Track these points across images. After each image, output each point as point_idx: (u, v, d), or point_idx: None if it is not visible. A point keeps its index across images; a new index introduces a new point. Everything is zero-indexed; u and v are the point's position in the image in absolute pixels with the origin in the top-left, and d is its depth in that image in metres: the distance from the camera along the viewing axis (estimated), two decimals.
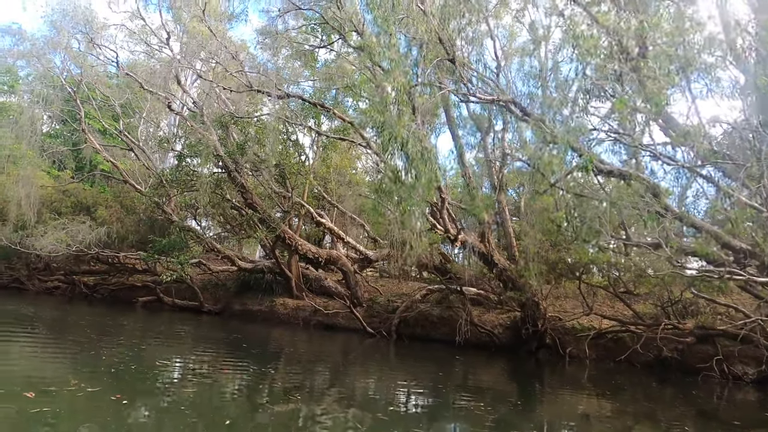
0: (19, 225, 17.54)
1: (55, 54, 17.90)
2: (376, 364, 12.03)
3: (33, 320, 13.18)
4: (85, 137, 18.91)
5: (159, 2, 14.50)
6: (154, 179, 18.90)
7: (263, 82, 13.50)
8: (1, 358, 7.34)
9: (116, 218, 18.99)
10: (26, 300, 18.43)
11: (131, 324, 14.82)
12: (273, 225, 15.93)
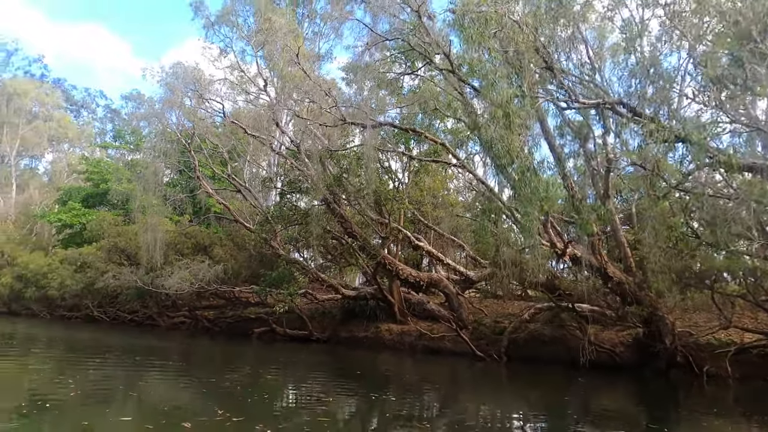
0: (150, 267, 19.51)
1: (171, 112, 19.95)
2: (488, 389, 11.62)
3: (166, 353, 14.45)
4: (199, 184, 20.79)
5: (255, 53, 15.71)
6: (260, 216, 20.22)
7: (355, 114, 14.01)
8: (149, 389, 8.03)
9: (230, 255, 20.46)
10: (158, 335, 20.35)
11: (250, 354, 15.73)
12: (373, 252, 16.25)
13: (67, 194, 33.61)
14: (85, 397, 6.24)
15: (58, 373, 8.20)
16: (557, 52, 8.16)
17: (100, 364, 10.57)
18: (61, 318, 25.73)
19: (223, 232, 24.08)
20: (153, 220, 20.63)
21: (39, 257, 27.77)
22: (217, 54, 19.57)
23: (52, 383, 7.06)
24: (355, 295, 19.37)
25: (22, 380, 7.18)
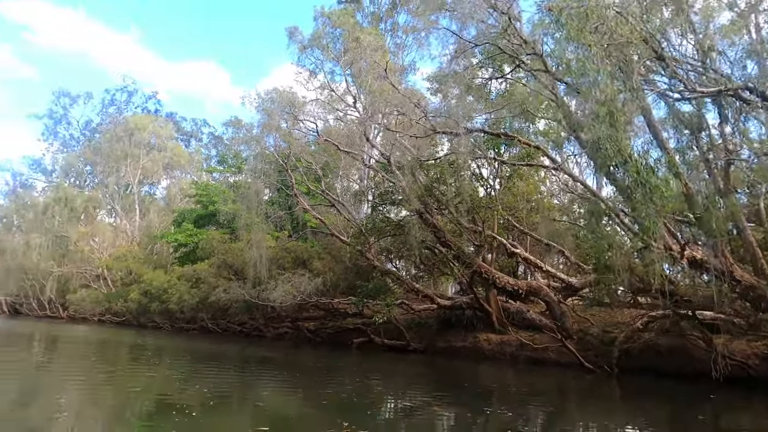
0: (256, 281, 20.79)
1: (268, 135, 21.25)
2: (600, 403, 10.90)
3: (276, 363, 15.24)
4: (296, 200, 21.89)
5: (343, 72, 16.34)
6: (354, 229, 20.81)
7: (444, 123, 14.01)
8: (270, 398, 8.45)
9: (328, 268, 21.22)
10: (264, 345, 21.55)
11: (352, 364, 16.11)
12: (468, 261, 16.04)
13: (181, 216, 36.94)
14: (210, 403, 6.69)
15: (183, 380, 8.87)
16: (666, 41, 7.54)
17: (219, 373, 11.33)
18: (181, 330, 28.14)
19: (319, 246, 25.08)
20: (257, 237, 21.99)
21: (160, 274, 30.71)
22: (308, 76, 20.69)
23: (179, 390, 7.64)
24: (450, 304, 19.20)
25: (153, 386, 7.84)
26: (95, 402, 5.91)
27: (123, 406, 5.70)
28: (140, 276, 32.34)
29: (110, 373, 9.12)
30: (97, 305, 36.54)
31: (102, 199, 49.64)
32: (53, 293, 44.80)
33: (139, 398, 6.45)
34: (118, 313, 33.66)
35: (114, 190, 49.98)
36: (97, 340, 18.29)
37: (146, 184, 54.23)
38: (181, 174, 55.11)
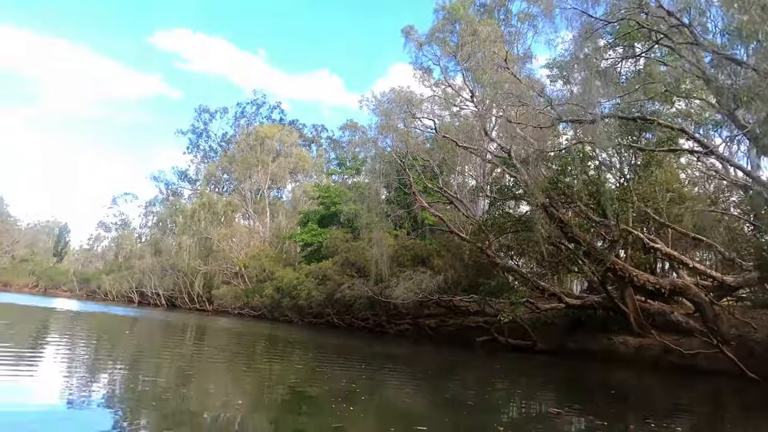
0: (378, 279, 21.41)
1: (385, 136, 21.75)
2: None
3: (400, 359, 15.50)
4: (414, 199, 22.13)
5: (461, 66, 16.12)
6: (473, 226, 20.48)
7: (569, 111, 13.18)
8: (400, 395, 8.62)
9: (449, 265, 21.15)
10: (386, 341, 22.07)
11: (477, 363, 15.85)
12: (600, 257, 14.93)
13: (306, 217, 39.38)
14: (338, 394, 6.94)
15: (313, 372, 9.31)
16: None
17: (346, 366, 11.78)
18: (309, 324, 29.96)
19: (437, 243, 25.11)
20: (377, 236, 22.64)
21: (290, 272, 33.02)
22: (422, 74, 20.82)
23: (310, 381, 8.03)
24: (580, 303, 18.06)
25: (286, 377, 8.32)
26: (237, 388, 6.45)
27: (261, 394, 6.14)
28: (273, 273, 35.06)
29: (249, 363, 9.90)
30: (237, 300, 40.31)
31: (238, 203, 54.67)
32: (201, 288, 50.40)
33: (274, 387, 6.90)
34: (254, 308, 36.82)
35: (247, 194, 54.79)
36: (237, 332, 20.10)
37: (274, 188, 58.61)
38: (304, 177, 58.77)
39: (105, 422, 3.84)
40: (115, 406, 4.62)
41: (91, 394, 4.93)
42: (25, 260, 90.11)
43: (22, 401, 4.32)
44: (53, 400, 4.49)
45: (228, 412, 4.88)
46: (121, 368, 7.16)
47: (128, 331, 15.06)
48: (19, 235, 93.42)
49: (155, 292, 56.98)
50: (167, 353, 10.18)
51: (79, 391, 5.05)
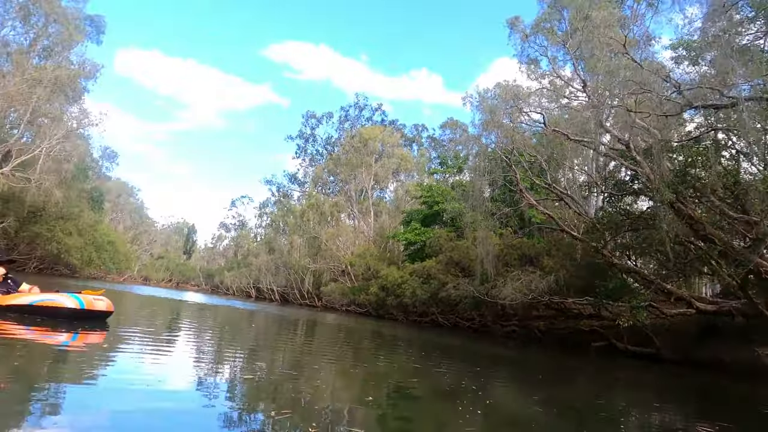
0: (483, 278, 20.98)
1: (489, 133, 21.22)
2: None
3: (505, 361, 15.02)
4: (521, 196, 21.34)
5: (571, 55, 15.20)
6: (586, 224, 19.27)
7: (699, 96, 11.86)
8: (506, 398, 8.35)
9: (560, 265, 20.13)
10: (492, 342, 21.47)
11: (591, 369, 14.87)
12: (739, 258, 13.26)
13: (409, 216, 39.74)
14: (442, 393, 6.83)
15: (416, 370, 9.27)
16: None
17: (451, 366, 11.61)
18: (414, 322, 30.20)
19: (545, 242, 24.01)
20: (482, 235, 22.18)
21: (394, 271, 33.55)
22: (528, 67, 19.98)
23: (413, 377, 7.99)
24: (714, 309, 16.20)
25: (391, 373, 8.37)
26: (344, 381, 6.61)
27: (367, 389, 6.23)
28: (377, 272, 35.88)
29: (355, 358, 10.14)
30: (344, 297, 41.85)
31: (343, 204, 56.77)
32: (310, 285, 53.13)
33: (379, 383, 6.97)
34: (360, 305, 37.96)
35: (352, 195, 56.66)
36: (345, 328, 20.79)
37: (377, 188, 59.98)
38: (406, 177, 59.46)
39: (227, 407, 4.15)
40: (235, 392, 4.97)
41: (215, 381, 5.34)
42: (161, 257, 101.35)
43: (159, 384, 4.81)
44: (183, 384, 4.92)
45: (336, 404, 5.04)
46: (241, 358, 7.71)
47: (253, 324, 16.22)
48: (156, 235, 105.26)
49: (270, 287, 61.10)
50: (281, 345, 10.81)
51: (205, 377, 5.51)
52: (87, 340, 6.72)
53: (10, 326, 6.82)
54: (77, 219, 37.89)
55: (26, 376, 4.29)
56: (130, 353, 6.34)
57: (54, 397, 3.66)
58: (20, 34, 31.03)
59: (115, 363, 5.52)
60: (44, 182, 28.81)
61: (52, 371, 4.72)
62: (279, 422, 3.88)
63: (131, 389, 4.18)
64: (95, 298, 8.14)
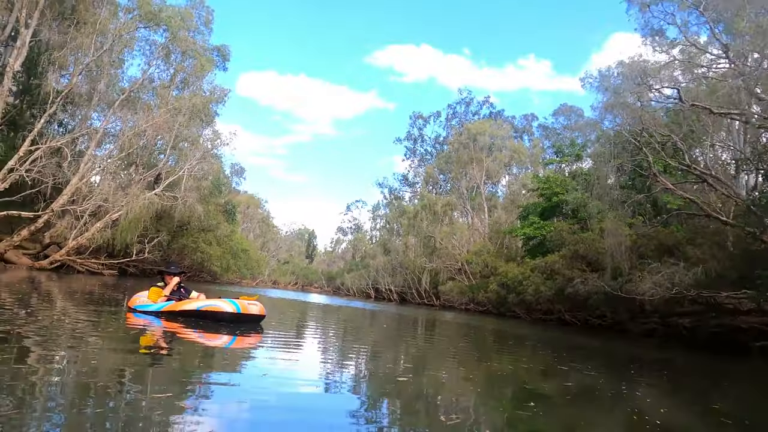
0: (616, 272, 19.39)
1: (615, 115, 19.57)
2: None
3: (645, 363, 13.67)
4: (654, 181, 19.37)
5: (708, 17, 13.44)
6: (737, 207, 16.96)
7: None
8: (653, 407, 7.54)
9: (710, 255, 17.94)
10: (628, 341, 19.71)
11: (754, 374, 13.02)
12: None
13: (526, 210, 38.23)
14: (572, 397, 6.28)
15: (543, 369, 8.72)
16: None
17: (580, 365, 10.74)
18: (538, 320, 28.90)
19: (685, 230, 21.56)
20: (610, 225, 20.57)
21: (513, 267, 32.46)
22: (652, 39, 18.10)
23: (540, 378, 7.50)
24: None
25: (515, 372, 7.95)
26: (467, 379, 6.40)
27: (490, 387, 5.97)
28: (496, 269, 34.99)
29: (478, 356, 9.83)
30: (462, 295, 41.44)
31: (456, 202, 56.28)
32: (427, 285, 53.42)
33: (503, 381, 6.64)
34: (480, 303, 37.29)
35: (464, 192, 55.97)
36: (465, 326, 20.46)
37: (489, 184, 58.59)
38: (519, 170, 57.34)
39: (353, 402, 4.23)
40: (360, 387, 5.06)
41: (341, 377, 5.49)
42: (287, 262, 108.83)
43: (290, 379, 5.09)
44: (312, 380, 5.13)
45: (460, 401, 4.91)
46: (364, 355, 7.88)
47: (385, 324, 16.59)
48: (281, 242, 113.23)
49: (388, 288, 62.56)
50: (402, 343, 10.91)
51: (332, 373, 5.71)
52: (244, 342, 7.36)
53: (182, 329, 7.74)
54: (216, 230, 42.01)
55: (195, 372, 4.79)
56: (272, 352, 6.81)
57: (208, 389, 4.04)
58: (162, 71, 35.28)
59: (262, 360, 5.97)
60: (188, 199, 32.35)
61: (214, 366, 5.23)
62: (404, 420, 3.88)
63: (269, 385, 4.45)
64: (250, 303, 8.91)
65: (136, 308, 9.06)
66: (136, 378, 4.13)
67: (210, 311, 8.58)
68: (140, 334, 7.18)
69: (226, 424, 3.15)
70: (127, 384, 3.92)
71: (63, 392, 3.49)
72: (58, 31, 27.14)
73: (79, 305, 10.79)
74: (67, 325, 7.18)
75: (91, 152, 28.54)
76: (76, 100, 28.81)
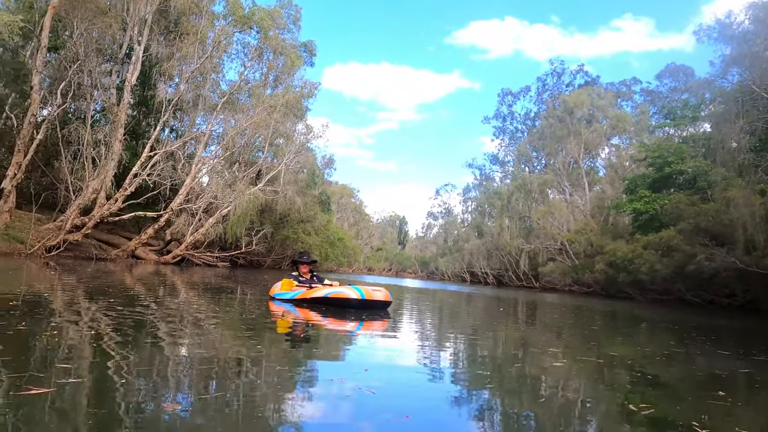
0: (749, 246, 17.26)
1: (744, 69, 17.26)
2: None
3: None
4: None
5: None
6: None
7: None
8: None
9: None
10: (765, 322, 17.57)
11: None
12: None
13: (632, 183, 35.37)
14: (699, 385, 5.46)
15: (663, 355, 7.80)
16: None
17: (709, 351, 9.53)
18: (654, 301, 26.72)
19: None
20: (737, 194, 18.35)
21: (622, 245, 30.24)
22: None
23: (659, 364, 6.67)
24: None
25: (631, 357, 7.19)
26: (574, 364, 5.84)
27: (600, 372, 5.38)
28: (602, 247, 32.84)
29: (585, 340, 9.09)
30: (565, 276, 39.53)
31: (551, 179, 53.61)
32: (526, 267, 51.67)
33: (616, 367, 5.97)
34: (585, 284, 35.32)
35: (560, 168, 53.14)
36: (569, 308, 19.31)
37: (587, 157, 55.05)
38: (622, 140, 53.23)
39: (453, 387, 4.08)
40: (459, 371, 4.88)
41: (439, 359, 5.35)
42: (380, 249, 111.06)
43: (393, 361, 5.01)
44: (413, 363, 5.00)
45: (567, 386, 4.50)
46: (462, 338, 7.62)
47: (501, 307, 16.14)
48: (373, 229, 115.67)
49: (483, 271, 61.46)
50: (501, 326, 10.48)
51: (431, 356, 5.56)
52: (370, 327, 7.49)
53: (311, 315, 8.16)
54: (313, 221, 43.75)
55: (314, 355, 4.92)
56: (390, 337, 6.82)
57: (319, 371, 4.12)
58: (255, 71, 37.08)
59: (375, 344, 5.99)
60: (287, 192, 33.96)
61: (330, 350, 5.34)
62: (507, 404, 3.61)
63: (373, 368, 4.41)
64: (374, 290, 9.28)
65: (274, 296, 9.89)
66: (254, 362, 4.31)
67: (337, 298, 8.97)
68: (264, 320, 7.59)
69: (333, 407, 3.15)
70: (247, 366, 4.09)
71: (190, 373, 3.70)
72: (165, 44, 29.49)
73: (201, 294, 11.70)
74: (193, 311, 7.82)
75: (200, 154, 30.83)
76: (183, 107, 31.20)
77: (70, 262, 19.98)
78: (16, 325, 4.89)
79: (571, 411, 3.59)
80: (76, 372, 3.32)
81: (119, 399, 2.84)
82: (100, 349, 4.25)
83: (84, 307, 7.29)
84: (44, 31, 22.40)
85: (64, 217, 24.10)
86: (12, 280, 11.19)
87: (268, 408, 3.02)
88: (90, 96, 27.26)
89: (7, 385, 2.89)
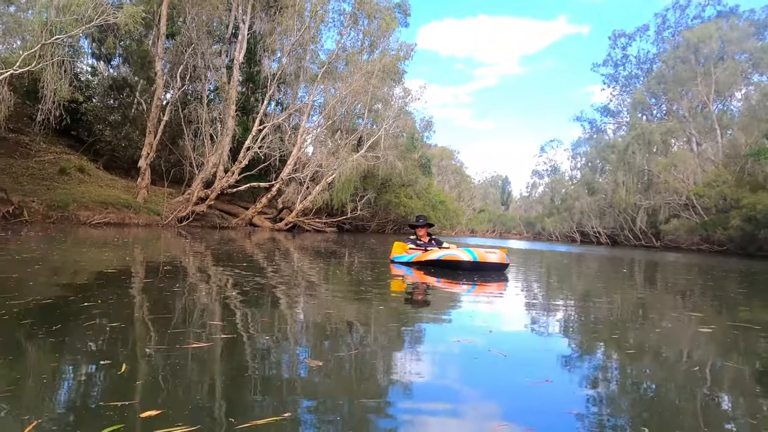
0: None
1: None
2: None
3: None
4: None
5: None
6: None
7: None
8: None
9: None
10: None
11: None
12: None
13: None
14: None
15: None
16: None
17: None
18: None
19: None
20: None
21: (764, 197, 26.63)
22: None
23: None
24: None
25: None
26: (702, 330, 5.11)
27: (735, 340, 4.63)
28: (738, 201, 29.22)
29: (716, 302, 8.03)
30: (691, 234, 35.97)
31: (675, 127, 48.34)
32: (644, 224, 47.75)
33: (753, 333, 5.12)
34: (716, 242, 31.86)
35: (686, 114, 47.66)
36: (696, 267, 17.40)
37: (718, 100, 48.66)
38: (761, 77, 46.20)
39: (586, 353, 3.80)
40: (569, 335, 4.54)
41: (548, 323, 5.04)
42: (482, 210, 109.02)
43: (514, 325, 4.87)
44: (536, 326, 4.84)
45: (693, 354, 3.95)
46: (572, 300, 7.11)
47: (625, 269, 15.13)
48: (475, 190, 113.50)
49: (596, 230, 57.95)
50: (615, 287, 9.66)
51: (553, 319, 5.26)
52: (484, 290, 7.34)
53: (424, 276, 8.32)
54: (414, 185, 43.87)
55: (422, 315, 4.95)
56: (495, 298, 6.66)
57: (425, 330, 4.10)
58: (352, 38, 37.30)
59: (483, 305, 5.86)
60: (388, 157, 34.28)
61: (437, 309, 5.33)
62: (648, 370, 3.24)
63: (479, 328, 4.28)
64: (487, 251, 9.11)
65: (394, 259, 10.37)
66: (364, 324, 4.41)
67: (449, 260, 8.96)
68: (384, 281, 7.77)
69: (468, 370, 3.13)
70: (357, 327, 4.20)
71: (306, 332, 3.94)
72: (266, 20, 30.62)
73: (314, 258, 12.33)
74: (321, 276, 8.25)
75: (304, 125, 32.06)
76: (286, 80, 32.44)
77: (198, 231, 22.13)
78: (171, 287, 5.48)
79: (694, 379, 3.21)
80: (227, 329, 3.64)
81: (264, 357, 3.07)
82: (243, 310, 4.62)
83: (219, 272, 7.98)
84: (162, 19, 24.31)
85: (190, 190, 26.59)
86: (155, 248, 12.61)
87: (403, 368, 3.07)
88: (204, 77, 29.34)
89: (170, 338, 3.23)
